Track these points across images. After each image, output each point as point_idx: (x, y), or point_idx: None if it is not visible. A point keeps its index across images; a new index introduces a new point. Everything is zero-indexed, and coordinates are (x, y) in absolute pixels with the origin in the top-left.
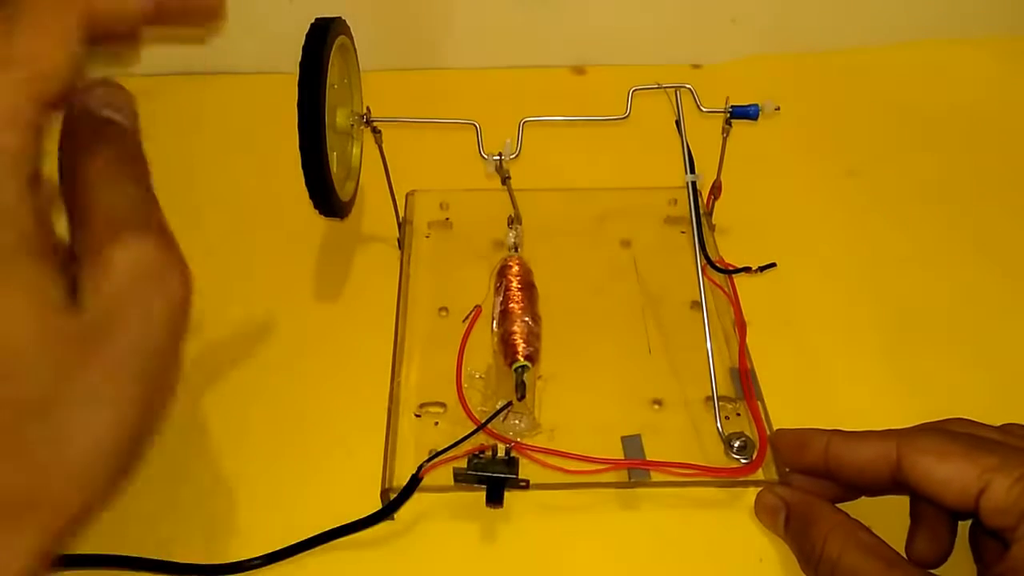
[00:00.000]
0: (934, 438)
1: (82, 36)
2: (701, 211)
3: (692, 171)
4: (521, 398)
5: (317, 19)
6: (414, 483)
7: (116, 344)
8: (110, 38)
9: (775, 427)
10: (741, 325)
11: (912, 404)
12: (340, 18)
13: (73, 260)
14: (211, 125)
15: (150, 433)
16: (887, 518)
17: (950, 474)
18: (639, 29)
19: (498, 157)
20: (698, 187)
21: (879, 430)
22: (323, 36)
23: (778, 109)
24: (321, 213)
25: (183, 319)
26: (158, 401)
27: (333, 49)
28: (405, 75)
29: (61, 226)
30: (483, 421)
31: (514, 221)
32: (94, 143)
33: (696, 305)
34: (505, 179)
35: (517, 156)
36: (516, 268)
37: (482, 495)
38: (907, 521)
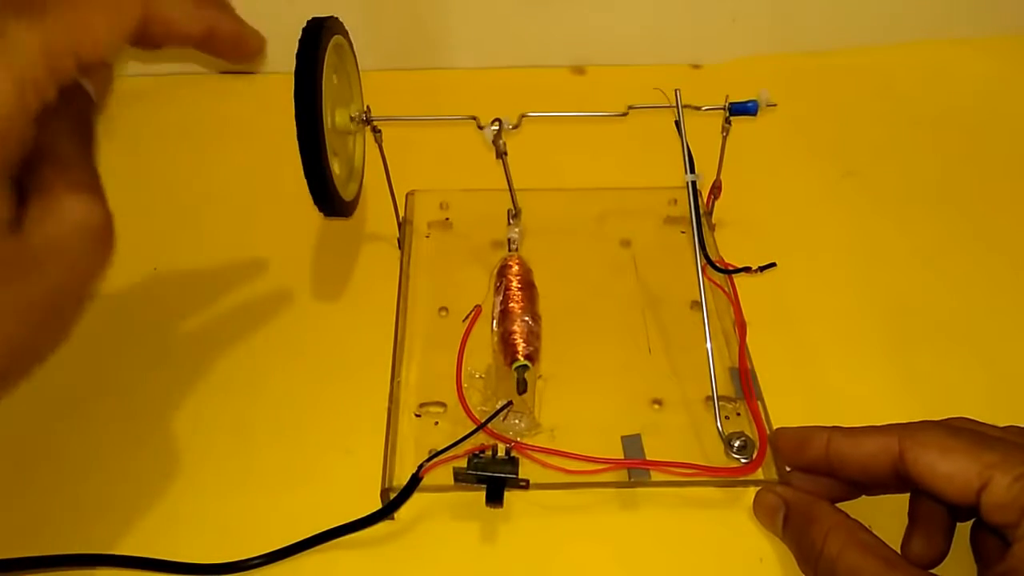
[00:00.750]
0: (936, 432)
1: (131, 34)
2: (701, 211)
3: (692, 171)
4: (522, 392)
5: (311, 19)
6: (414, 483)
7: (43, 278)
8: (150, 45)
9: (775, 426)
10: (741, 325)
11: (912, 404)
12: (334, 17)
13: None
14: (211, 125)
15: (30, 363)
16: (886, 518)
17: (952, 469)
18: (639, 29)
19: (496, 126)
20: (698, 187)
21: (880, 425)
22: (317, 36)
23: (774, 105)
24: (324, 214)
25: (100, 275)
26: (50, 338)
27: (328, 49)
28: (405, 75)
29: None
30: (483, 421)
31: (514, 216)
32: (67, 101)
33: (696, 305)
34: (501, 154)
35: (516, 128)
36: (516, 268)
37: (482, 495)
38: (905, 522)
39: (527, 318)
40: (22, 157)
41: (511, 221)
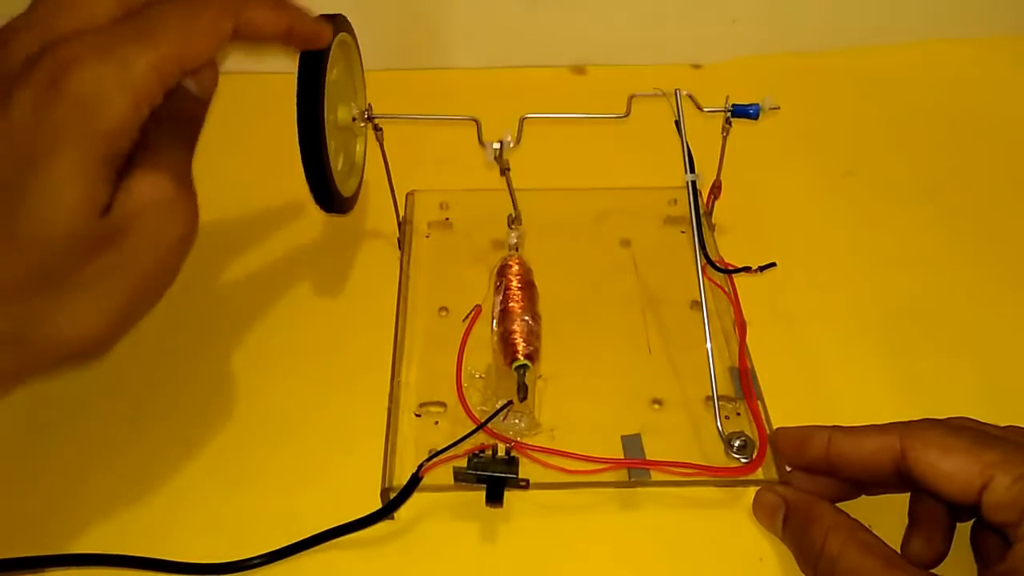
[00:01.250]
0: (937, 431)
1: (226, 42)
2: (701, 211)
3: (692, 171)
4: (523, 399)
5: (317, 16)
6: (414, 482)
7: (124, 252)
8: (238, 42)
9: (775, 426)
10: (741, 325)
11: (912, 404)
12: (340, 15)
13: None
14: (211, 124)
15: (126, 326)
16: (886, 518)
17: (953, 468)
18: (639, 29)
19: (498, 145)
20: (698, 187)
21: (881, 424)
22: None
23: (777, 108)
24: (323, 210)
25: (182, 246)
26: (140, 304)
27: (333, 45)
28: (406, 75)
29: None
30: (483, 420)
31: (514, 220)
32: (166, 98)
33: (696, 305)
34: (504, 170)
35: (517, 145)
36: (516, 267)
37: (482, 495)
38: (906, 522)
39: (527, 318)
40: (128, 152)
41: (511, 226)
